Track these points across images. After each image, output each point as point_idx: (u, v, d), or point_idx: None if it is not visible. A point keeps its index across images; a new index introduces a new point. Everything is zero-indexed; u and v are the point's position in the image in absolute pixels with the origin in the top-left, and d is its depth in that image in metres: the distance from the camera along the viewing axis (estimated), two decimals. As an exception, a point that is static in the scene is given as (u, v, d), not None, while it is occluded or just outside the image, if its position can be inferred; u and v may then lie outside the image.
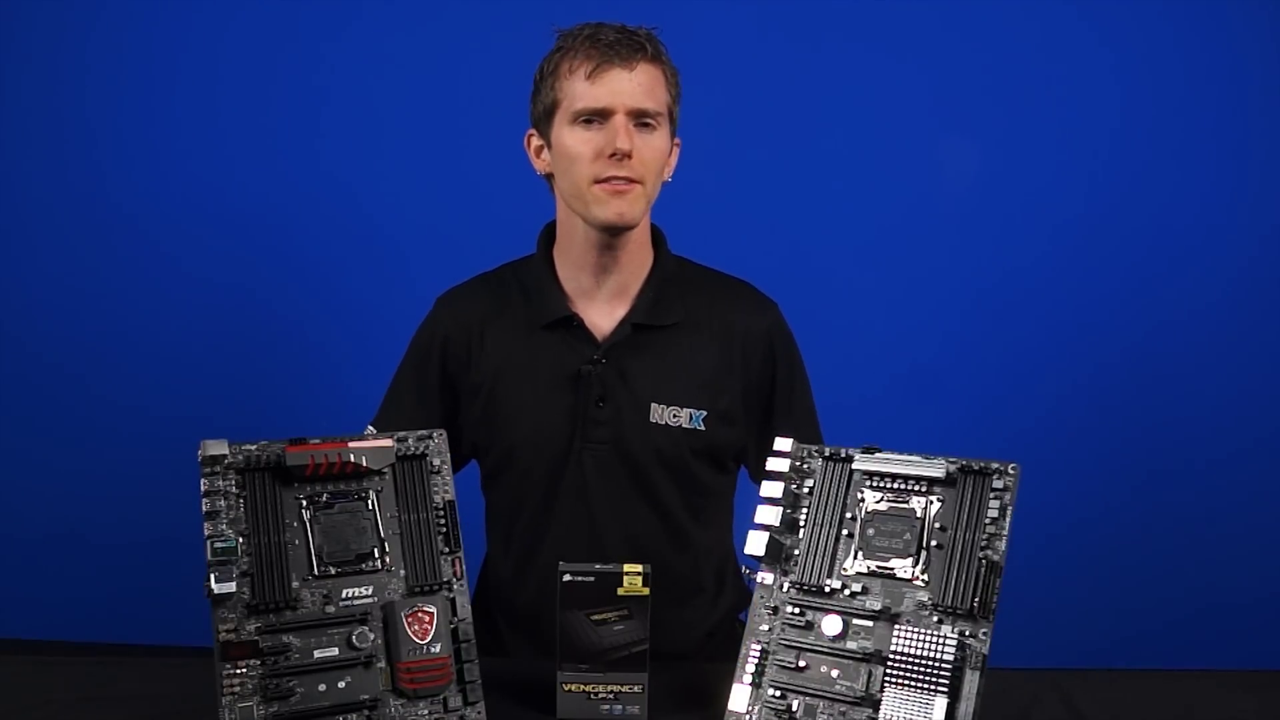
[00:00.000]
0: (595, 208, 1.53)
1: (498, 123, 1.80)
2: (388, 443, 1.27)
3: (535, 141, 1.61)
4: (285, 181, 2.65)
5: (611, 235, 1.56)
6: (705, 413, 1.60)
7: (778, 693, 1.21)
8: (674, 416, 1.59)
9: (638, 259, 1.62)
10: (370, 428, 1.63)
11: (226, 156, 2.65)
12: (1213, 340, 2.59)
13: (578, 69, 1.52)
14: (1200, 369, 2.60)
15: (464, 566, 1.26)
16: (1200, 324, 2.58)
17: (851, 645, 1.20)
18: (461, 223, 2.59)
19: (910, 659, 1.16)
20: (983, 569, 1.17)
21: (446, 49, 2.64)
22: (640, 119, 1.52)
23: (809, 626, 1.23)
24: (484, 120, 2.52)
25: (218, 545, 1.18)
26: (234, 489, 1.21)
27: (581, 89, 1.51)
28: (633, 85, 1.51)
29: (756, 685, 1.23)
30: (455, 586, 1.25)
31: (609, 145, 1.50)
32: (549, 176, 1.61)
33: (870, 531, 1.24)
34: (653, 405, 1.59)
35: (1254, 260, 2.58)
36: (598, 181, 1.52)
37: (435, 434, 1.30)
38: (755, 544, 1.26)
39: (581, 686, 1.31)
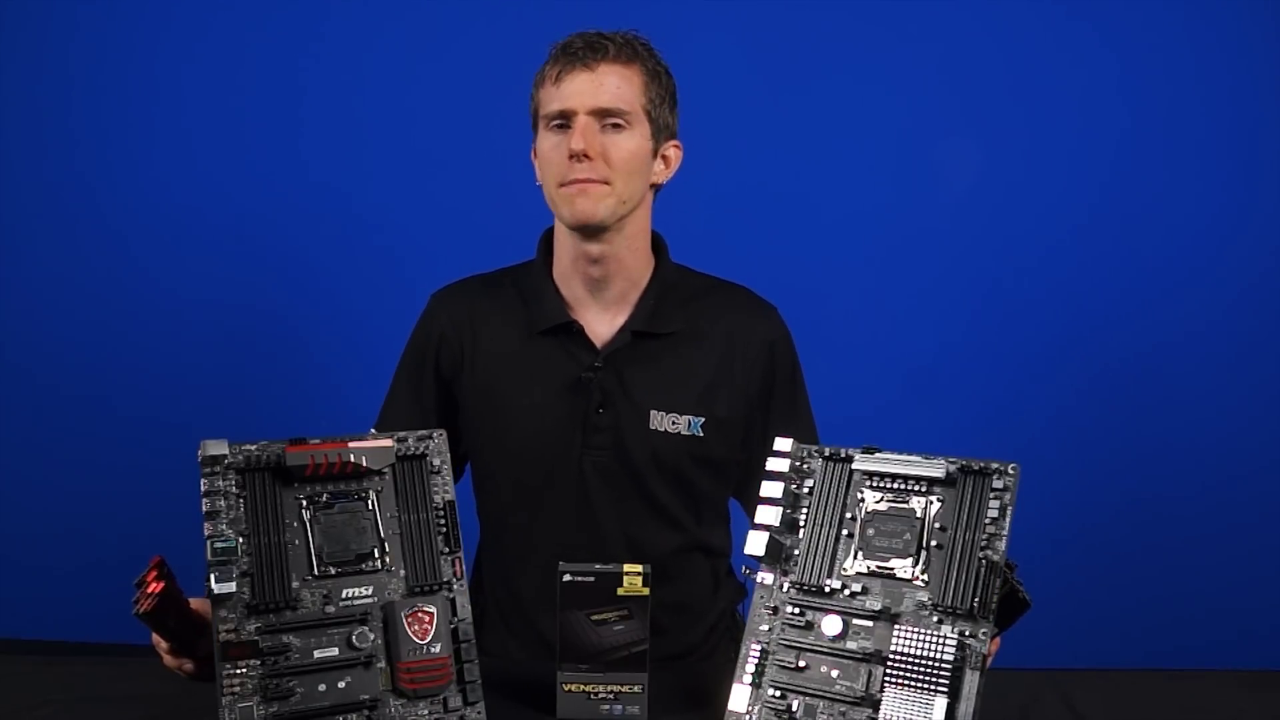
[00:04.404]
0: (561, 207, 1.55)
1: (493, 123, 1.79)
2: (388, 443, 1.27)
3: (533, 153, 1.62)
4: (283, 180, 2.65)
5: (584, 237, 1.56)
6: (704, 419, 1.60)
7: (778, 693, 1.21)
8: (673, 423, 1.59)
9: (634, 268, 1.61)
10: (373, 430, 1.63)
11: (226, 156, 2.64)
12: (1213, 341, 2.58)
13: (548, 76, 1.54)
14: (1200, 370, 2.59)
15: (464, 566, 1.26)
16: (1200, 324, 2.58)
17: (851, 645, 1.20)
18: (459, 221, 2.58)
19: (910, 659, 1.16)
20: (982, 569, 1.17)
21: (445, 51, 2.64)
22: (607, 119, 1.52)
23: (809, 626, 1.23)
24: (480, 121, 2.53)
25: (218, 545, 1.18)
26: (234, 489, 1.21)
27: (549, 94, 1.54)
28: (593, 85, 1.51)
29: (756, 685, 1.23)
30: (455, 586, 1.25)
31: (570, 146, 1.51)
32: None
33: (870, 531, 1.24)
34: (652, 412, 1.59)
35: (1255, 263, 2.58)
36: (563, 184, 1.53)
37: (435, 434, 1.30)
38: (755, 544, 1.26)
39: (581, 686, 1.31)
